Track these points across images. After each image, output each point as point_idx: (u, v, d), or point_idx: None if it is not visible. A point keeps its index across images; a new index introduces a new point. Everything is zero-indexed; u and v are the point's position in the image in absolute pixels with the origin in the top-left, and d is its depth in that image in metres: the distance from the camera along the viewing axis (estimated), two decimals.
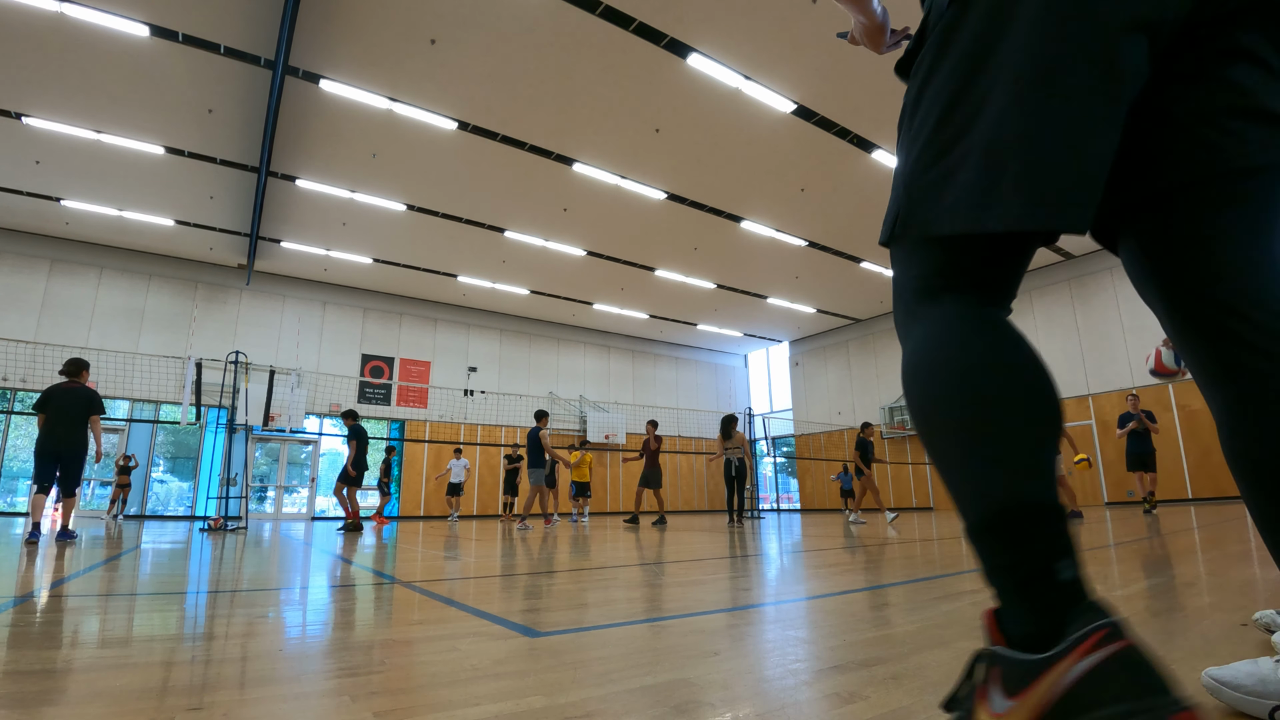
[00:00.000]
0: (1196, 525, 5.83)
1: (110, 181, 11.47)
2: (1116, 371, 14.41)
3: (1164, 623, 1.64)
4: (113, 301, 14.24)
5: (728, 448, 10.10)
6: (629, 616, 1.94)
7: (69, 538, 5.52)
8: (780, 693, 1.12)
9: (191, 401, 9.16)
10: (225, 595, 2.49)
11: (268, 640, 1.62)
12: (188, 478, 14.80)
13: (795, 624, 1.83)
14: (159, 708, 1.04)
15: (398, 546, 5.39)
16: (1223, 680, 0.96)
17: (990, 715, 0.62)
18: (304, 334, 16.19)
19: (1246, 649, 1.33)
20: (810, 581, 2.84)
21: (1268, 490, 0.71)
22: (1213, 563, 2.98)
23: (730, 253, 14.91)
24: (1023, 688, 0.59)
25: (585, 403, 19.87)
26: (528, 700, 1.07)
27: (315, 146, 10.50)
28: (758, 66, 8.79)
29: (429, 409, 17.45)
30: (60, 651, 1.47)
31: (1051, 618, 0.61)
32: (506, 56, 8.56)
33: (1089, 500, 14.44)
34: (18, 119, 9.54)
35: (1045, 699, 0.57)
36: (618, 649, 1.48)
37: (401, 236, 13.93)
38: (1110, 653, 0.55)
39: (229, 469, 9.16)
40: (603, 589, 2.60)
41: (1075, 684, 0.55)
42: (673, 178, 11.71)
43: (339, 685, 1.20)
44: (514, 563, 3.81)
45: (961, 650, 1.40)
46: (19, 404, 13.37)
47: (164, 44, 8.11)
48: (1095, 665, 0.55)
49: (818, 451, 21.19)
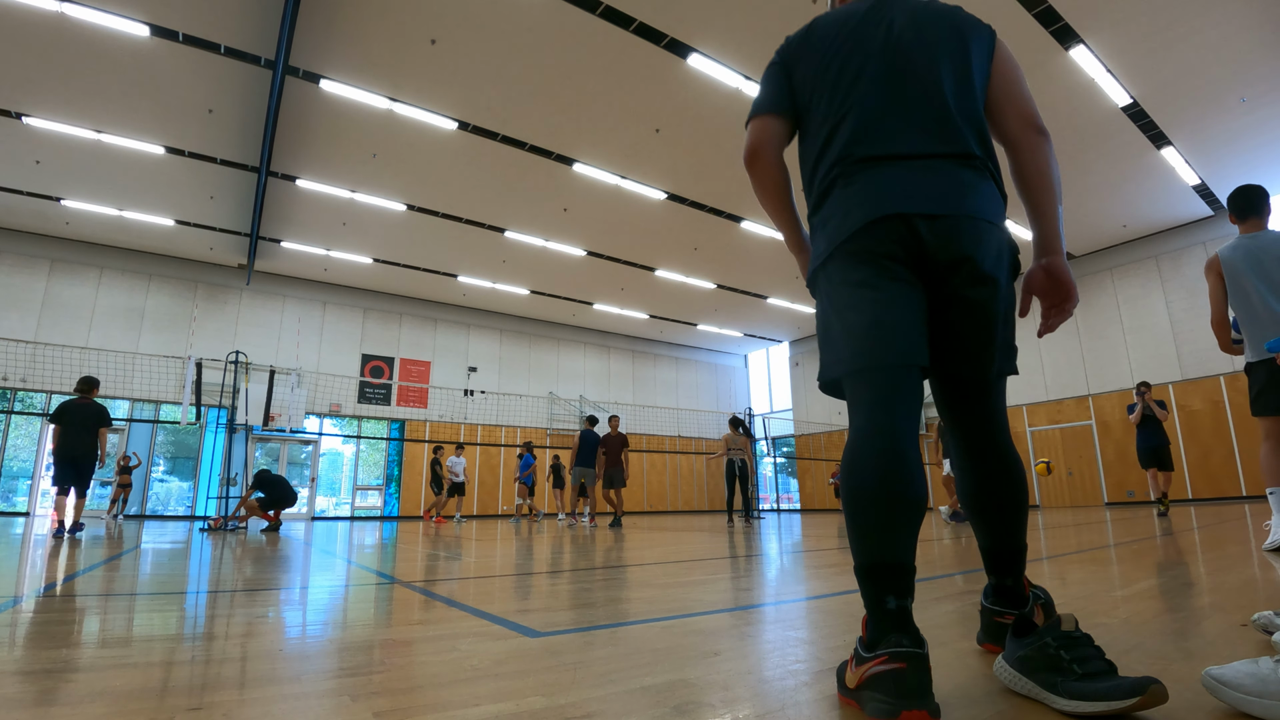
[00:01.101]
0: (1196, 525, 5.83)
1: (110, 181, 11.48)
2: (1117, 372, 14.41)
3: (1164, 623, 1.64)
4: (113, 301, 14.24)
5: (731, 448, 10.02)
6: (629, 616, 1.94)
7: (78, 531, 6.39)
8: (780, 693, 1.12)
9: (191, 401, 9.16)
10: (225, 595, 2.49)
11: (268, 640, 1.62)
12: (188, 478, 14.80)
13: (795, 624, 1.83)
14: (159, 708, 1.04)
15: (397, 546, 5.39)
16: (1223, 680, 0.96)
17: (844, 680, 1.05)
18: (304, 334, 16.19)
19: (1246, 649, 1.33)
20: (810, 582, 2.84)
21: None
22: (1212, 563, 2.98)
23: (730, 253, 14.91)
24: (856, 669, 1.00)
25: (585, 403, 19.87)
26: (528, 700, 1.07)
27: (315, 146, 10.50)
28: (758, 66, 8.79)
29: (429, 409, 17.45)
30: (60, 651, 1.47)
31: (878, 631, 0.99)
32: (506, 56, 8.56)
33: (1089, 500, 14.45)
34: (18, 119, 9.54)
35: (857, 680, 0.99)
36: (618, 649, 1.48)
37: (401, 236, 13.93)
38: (888, 667, 0.93)
39: (229, 469, 9.16)
40: (603, 589, 2.60)
41: (868, 678, 0.95)
42: (673, 178, 11.71)
43: (339, 685, 1.20)
44: (514, 563, 3.81)
45: (960, 650, 1.40)
46: (19, 404, 13.37)
47: (164, 44, 8.11)
48: (879, 671, 0.94)
49: (818, 451, 21.19)
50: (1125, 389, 14.17)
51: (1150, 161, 11.05)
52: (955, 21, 1.34)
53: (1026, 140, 1.29)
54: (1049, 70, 8.70)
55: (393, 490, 16.51)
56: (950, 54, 1.30)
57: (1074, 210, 12.87)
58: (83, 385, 6.85)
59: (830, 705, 1.05)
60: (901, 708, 0.87)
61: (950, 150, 1.22)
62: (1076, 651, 1.00)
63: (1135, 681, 0.91)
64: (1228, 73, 8.82)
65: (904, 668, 0.91)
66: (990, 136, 1.31)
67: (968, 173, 1.21)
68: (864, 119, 1.26)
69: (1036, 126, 1.29)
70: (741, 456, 9.99)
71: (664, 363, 22.37)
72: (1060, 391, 15.29)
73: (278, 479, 8.28)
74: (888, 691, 0.90)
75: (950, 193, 1.17)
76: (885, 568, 1.03)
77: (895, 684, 0.90)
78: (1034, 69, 8.69)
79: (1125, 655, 1.30)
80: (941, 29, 1.32)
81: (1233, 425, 12.50)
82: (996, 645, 1.33)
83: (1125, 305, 14.53)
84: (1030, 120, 1.30)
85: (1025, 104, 1.31)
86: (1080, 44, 8.24)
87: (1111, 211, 13.02)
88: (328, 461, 16.78)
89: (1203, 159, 11.04)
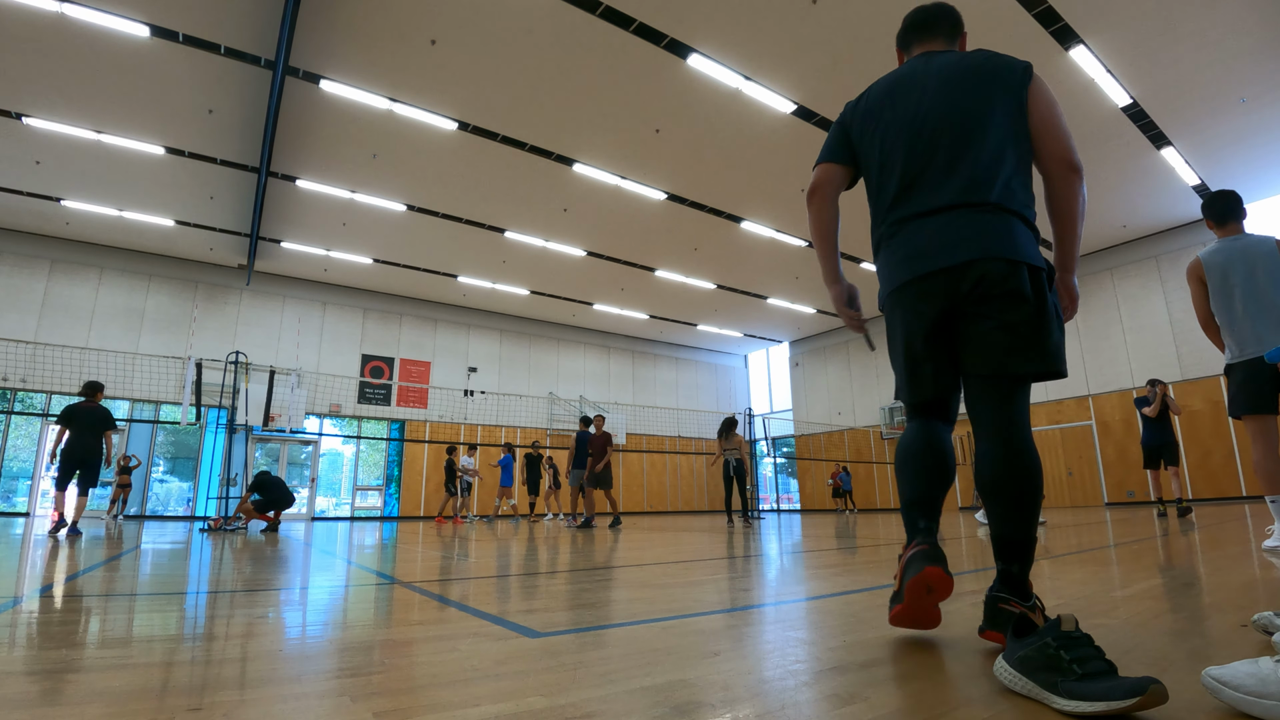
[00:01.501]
0: (1196, 525, 5.83)
1: (110, 181, 11.48)
2: (1117, 372, 14.41)
3: (1164, 623, 1.64)
4: (113, 301, 14.24)
5: (726, 448, 9.99)
6: (629, 617, 1.94)
7: (76, 533, 6.48)
8: (780, 693, 1.12)
9: (191, 402, 9.16)
10: (225, 595, 2.49)
11: (267, 640, 1.62)
12: (188, 478, 14.80)
13: (795, 625, 1.83)
14: (159, 708, 1.04)
15: (397, 546, 5.39)
16: (1223, 680, 0.96)
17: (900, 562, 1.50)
18: (304, 334, 16.19)
19: (1246, 649, 1.33)
20: (810, 582, 2.84)
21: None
22: (1212, 563, 2.98)
23: (730, 253, 14.91)
24: (900, 560, 1.49)
25: (585, 403, 19.87)
26: (528, 701, 1.07)
27: (315, 147, 10.50)
28: (758, 67, 8.79)
29: (429, 409, 17.45)
30: (60, 651, 1.47)
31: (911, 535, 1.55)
32: (506, 56, 8.56)
33: (1089, 500, 14.44)
34: (18, 119, 9.54)
35: (901, 564, 1.48)
36: (618, 649, 1.48)
37: (401, 237, 13.93)
38: (918, 548, 1.44)
39: (229, 469, 9.16)
40: (603, 589, 2.60)
41: (908, 558, 1.45)
42: (673, 178, 11.71)
43: (339, 685, 1.20)
44: (514, 563, 3.81)
45: (962, 650, 1.40)
46: (19, 404, 13.37)
47: (164, 44, 8.11)
48: (913, 552, 1.45)
49: (817, 452, 21.20)
50: (1125, 389, 14.17)
51: (1150, 162, 11.05)
52: (983, 75, 1.52)
53: (1060, 177, 1.47)
54: (1049, 70, 8.70)
55: (393, 490, 16.51)
56: (976, 113, 1.48)
57: None
58: (88, 389, 7.17)
59: (830, 705, 1.05)
60: (926, 565, 1.39)
61: (970, 200, 1.43)
62: (1076, 651, 1.00)
63: (1135, 681, 0.91)
64: (1228, 73, 8.83)
65: (927, 548, 1.43)
66: (1022, 174, 1.47)
67: (984, 217, 1.41)
68: (902, 184, 1.53)
69: (1070, 164, 1.46)
70: (738, 455, 9.88)
71: (664, 363, 22.37)
72: (1060, 391, 15.29)
73: (275, 481, 8.30)
74: (918, 560, 1.41)
75: (964, 240, 1.41)
76: (917, 502, 1.56)
77: (922, 556, 1.41)
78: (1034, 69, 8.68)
79: (1125, 655, 1.30)
80: (969, 85, 1.52)
81: (1232, 425, 12.49)
82: (997, 633, 1.39)
83: (1125, 305, 14.53)
84: (1064, 158, 1.46)
85: (1058, 143, 1.47)
86: (1080, 44, 8.25)
87: (1111, 211, 13.02)
88: (328, 462, 16.78)
89: (1203, 159, 11.04)
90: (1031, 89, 1.50)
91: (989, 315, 1.39)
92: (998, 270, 1.37)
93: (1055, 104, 1.50)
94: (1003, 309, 1.37)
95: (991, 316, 1.38)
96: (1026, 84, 1.50)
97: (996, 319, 1.38)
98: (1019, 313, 1.37)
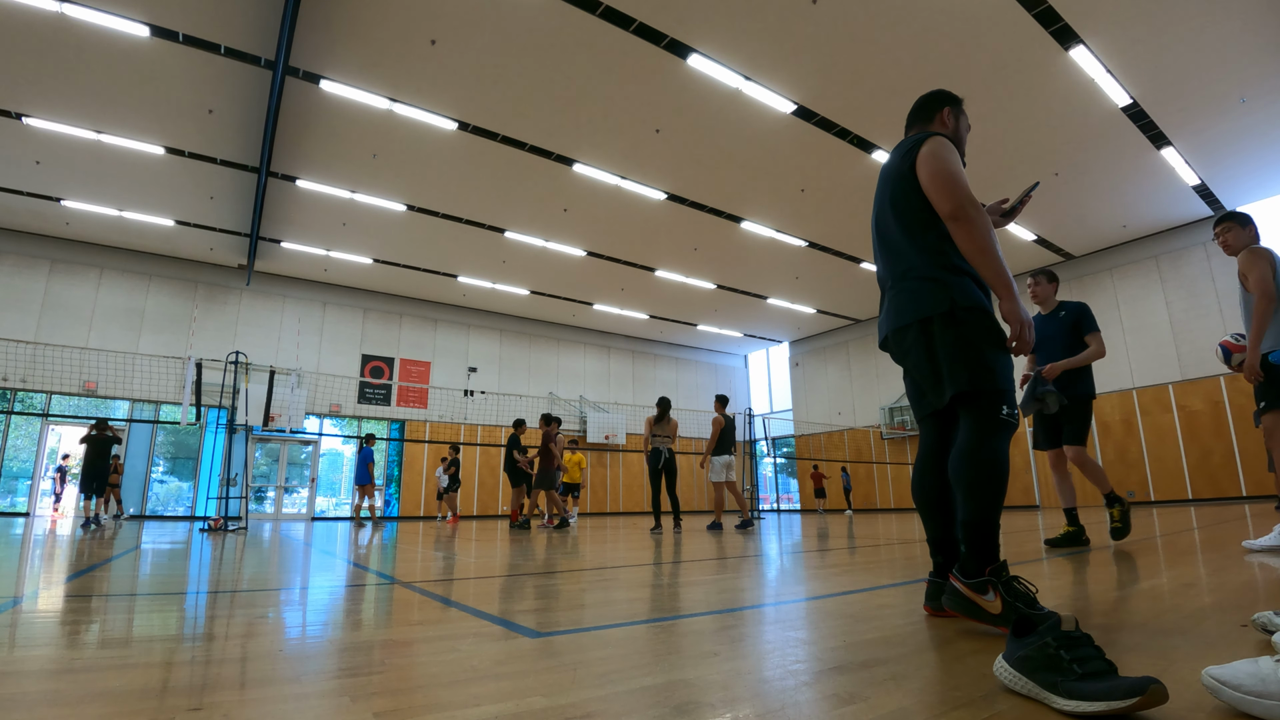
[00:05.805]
0: (1196, 525, 5.83)
1: (110, 181, 11.48)
2: (1116, 372, 14.39)
3: (1164, 623, 1.64)
4: (113, 302, 14.24)
5: (657, 435, 8.14)
6: (629, 617, 1.94)
7: (98, 524, 8.70)
8: (780, 693, 1.12)
9: (191, 402, 9.16)
10: (225, 596, 2.49)
11: (268, 641, 1.62)
12: (188, 478, 14.80)
13: (795, 625, 1.84)
14: (159, 708, 1.04)
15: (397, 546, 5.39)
16: (1223, 680, 0.96)
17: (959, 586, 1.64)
18: (304, 334, 16.19)
19: (1246, 649, 1.33)
20: (810, 583, 2.84)
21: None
22: (1212, 563, 2.98)
23: (730, 253, 14.91)
24: (966, 584, 1.62)
25: (585, 403, 19.87)
26: (528, 701, 1.07)
27: (315, 147, 10.50)
28: (758, 67, 8.79)
29: (429, 409, 17.45)
30: (60, 651, 1.47)
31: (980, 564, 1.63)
32: (506, 56, 8.56)
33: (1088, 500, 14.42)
34: (18, 119, 9.54)
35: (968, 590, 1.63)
36: (618, 649, 1.48)
37: (401, 237, 13.93)
38: (928, 583, 1.85)
39: (229, 469, 9.15)
40: (602, 589, 2.60)
41: (974, 586, 1.61)
42: (673, 178, 11.71)
43: (339, 685, 1.20)
44: (513, 563, 3.81)
45: (961, 650, 1.41)
46: (19, 405, 13.36)
47: (164, 44, 8.11)
48: (927, 582, 1.87)
49: (818, 452, 21.19)
50: (1125, 389, 14.16)
51: (1150, 162, 11.05)
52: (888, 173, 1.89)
53: (949, 224, 1.72)
54: (1049, 70, 8.70)
55: (393, 490, 16.51)
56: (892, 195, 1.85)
57: (1074, 210, 12.87)
58: (100, 423, 9.88)
59: (830, 705, 1.05)
60: (926, 605, 1.83)
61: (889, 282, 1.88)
62: (1076, 651, 1.01)
63: (1135, 681, 0.91)
64: (1228, 73, 8.82)
65: (928, 585, 1.84)
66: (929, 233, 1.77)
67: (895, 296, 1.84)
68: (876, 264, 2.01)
69: (949, 214, 1.70)
70: (670, 445, 8.06)
71: (664, 363, 22.37)
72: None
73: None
74: (927, 594, 1.83)
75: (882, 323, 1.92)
76: (930, 541, 1.90)
77: (929, 591, 1.83)
78: (1034, 69, 8.69)
79: (1125, 655, 1.30)
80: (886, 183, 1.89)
81: (1233, 425, 12.49)
82: (928, 606, 1.83)
83: (1125, 305, 14.53)
84: (944, 210, 1.71)
85: (938, 197, 1.72)
86: (1080, 44, 8.24)
87: (1111, 211, 13.02)
88: (328, 462, 16.78)
89: (1202, 159, 11.04)
90: (917, 159, 1.77)
91: (907, 370, 1.91)
92: (895, 340, 1.86)
93: (935, 161, 1.73)
94: (909, 365, 1.85)
95: (908, 371, 1.89)
96: (914, 158, 1.78)
97: (910, 372, 1.89)
98: (912, 363, 1.82)
